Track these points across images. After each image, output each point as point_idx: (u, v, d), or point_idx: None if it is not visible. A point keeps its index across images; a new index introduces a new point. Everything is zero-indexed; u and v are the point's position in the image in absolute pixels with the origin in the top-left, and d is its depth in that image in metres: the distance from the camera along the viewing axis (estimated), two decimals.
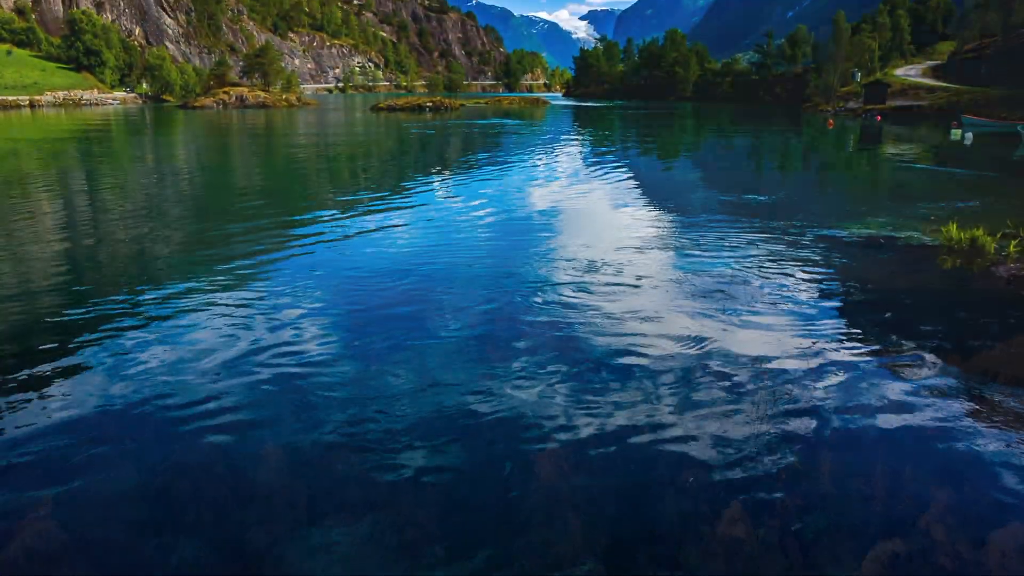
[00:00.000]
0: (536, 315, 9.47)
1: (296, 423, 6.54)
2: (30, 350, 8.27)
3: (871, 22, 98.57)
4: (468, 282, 11.08)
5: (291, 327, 9.02)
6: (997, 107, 57.09)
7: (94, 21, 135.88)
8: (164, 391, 7.16)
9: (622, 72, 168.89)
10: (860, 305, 9.99)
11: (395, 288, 10.78)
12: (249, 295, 10.40)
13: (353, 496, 5.45)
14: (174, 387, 7.26)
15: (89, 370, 7.69)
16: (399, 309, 9.76)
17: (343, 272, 11.79)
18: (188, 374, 7.57)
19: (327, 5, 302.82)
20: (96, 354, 8.14)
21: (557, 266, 12.01)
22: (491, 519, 5.19)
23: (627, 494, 5.47)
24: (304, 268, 12.11)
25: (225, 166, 30.44)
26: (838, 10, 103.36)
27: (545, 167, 27.38)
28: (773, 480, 5.61)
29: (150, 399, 6.99)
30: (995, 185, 22.25)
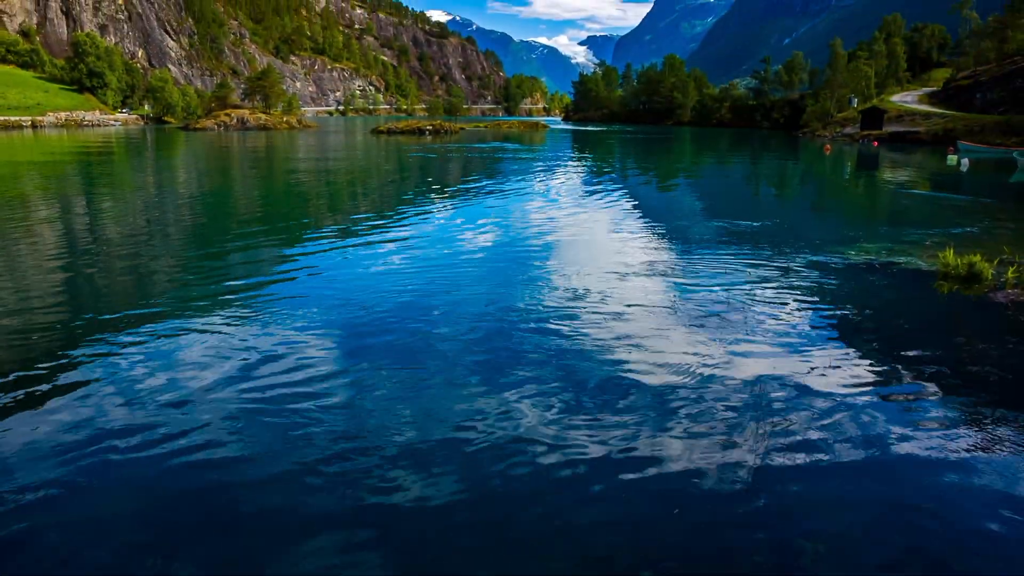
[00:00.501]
0: (532, 340, 9.43)
1: (289, 448, 6.47)
2: (24, 371, 8.21)
3: (867, 49, 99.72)
4: (465, 306, 11.05)
5: (287, 350, 8.98)
6: (992, 133, 57.57)
7: (98, 44, 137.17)
8: (158, 415, 7.10)
9: (621, 97, 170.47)
10: (858, 331, 9.96)
11: (392, 312, 10.75)
12: (244, 318, 10.37)
13: (346, 523, 5.38)
14: (168, 411, 7.19)
15: (83, 393, 7.63)
16: (396, 334, 9.72)
17: (340, 295, 11.77)
18: (182, 397, 7.51)
19: (329, 29, 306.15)
20: (90, 377, 8.08)
21: (554, 290, 12.00)
22: (485, 548, 5.13)
23: (622, 524, 5.41)
24: (301, 291, 12.08)
25: (224, 187, 30.53)
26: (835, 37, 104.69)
27: (543, 191, 27.46)
28: (769, 510, 5.55)
29: (143, 423, 6.93)
30: (991, 211, 22.34)
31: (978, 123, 61.87)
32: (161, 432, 6.74)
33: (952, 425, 6.97)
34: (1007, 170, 36.87)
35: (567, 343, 9.27)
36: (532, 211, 21.86)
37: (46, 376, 8.08)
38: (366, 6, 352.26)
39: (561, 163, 44.52)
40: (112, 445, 6.50)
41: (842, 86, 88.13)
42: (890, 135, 67.93)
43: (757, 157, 53.23)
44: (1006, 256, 13.41)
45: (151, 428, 6.82)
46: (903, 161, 45.97)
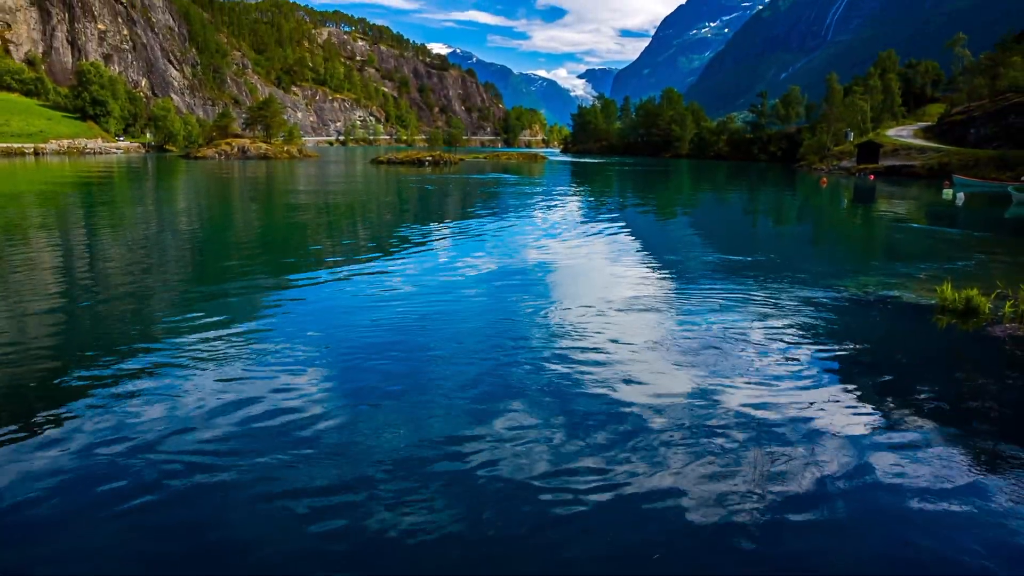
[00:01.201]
0: (528, 372, 9.42)
1: (282, 480, 6.42)
2: (16, 401, 8.17)
3: (863, 84, 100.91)
4: (462, 338, 11.04)
5: (282, 381, 8.95)
6: (987, 168, 58.07)
7: (102, 72, 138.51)
8: (150, 446, 7.05)
9: (619, 129, 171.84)
10: (857, 365, 9.95)
11: (390, 343, 10.74)
12: (240, 348, 10.35)
13: (339, 558, 5.33)
14: (161, 442, 7.15)
15: (80, 419, 7.59)
16: (393, 365, 9.70)
17: (338, 325, 11.76)
18: (179, 425, 7.47)
19: (330, 61, 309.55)
20: (87, 402, 8.04)
21: (551, 323, 12.00)
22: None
23: (618, 559, 5.36)
24: (297, 321, 12.08)
25: (222, 217, 30.63)
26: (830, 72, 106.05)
27: (542, 223, 27.58)
28: (767, 549, 5.50)
29: (135, 455, 6.88)
30: (987, 245, 22.45)
31: (973, 158, 62.43)
32: (153, 464, 6.70)
33: (953, 462, 6.94)
34: (1002, 204, 37.12)
35: (563, 376, 9.25)
36: (530, 243, 21.93)
37: (38, 406, 8.04)
38: (368, 38, 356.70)
39: (559, 195, 44.77)
40: (103, 477, 6.45)
41: (838, 120, 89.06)
42: (886, 169, 68.50)
43: (755, 190, 53.59)
44: (1002, 290, 13.44)
45: (143, 459, 6.78)
46: (899, 194, 46.30)
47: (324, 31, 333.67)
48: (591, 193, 47.84)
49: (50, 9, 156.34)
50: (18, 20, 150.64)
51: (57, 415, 7.75)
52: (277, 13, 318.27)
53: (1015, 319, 11.90)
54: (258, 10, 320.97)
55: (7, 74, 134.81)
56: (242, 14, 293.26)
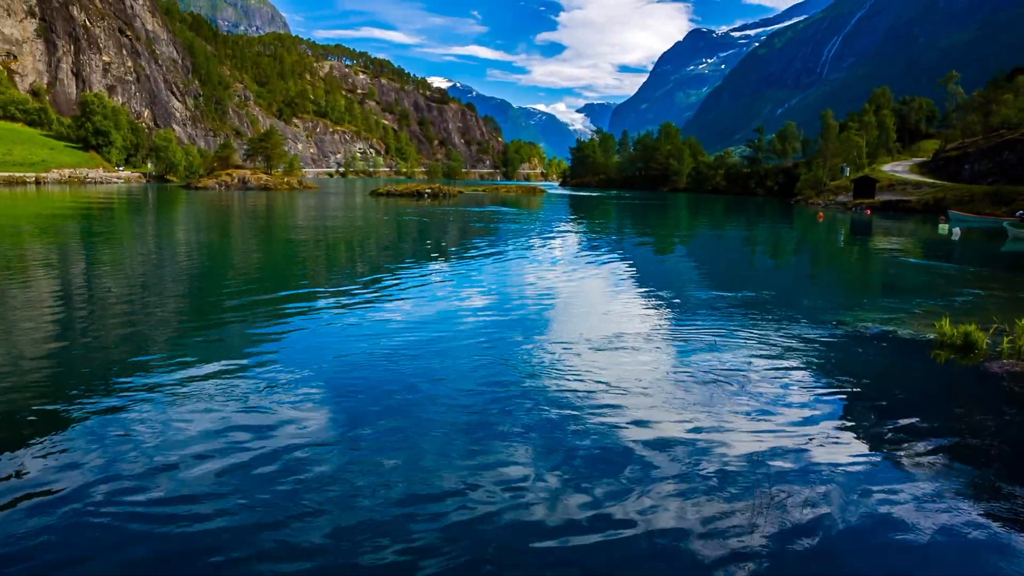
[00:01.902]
0: (527, 408, 9.38)
1: (276, 513, 6.36)
2: (10, 433, 8.11)
3: (857, 120, 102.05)
4: (459, 372, 11.02)
5: (279, 415, 8.91)
6: (982, 203, 58.49)
7: (105, 103, 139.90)
8: (143, 478, 6.99)
9: (618, 163, 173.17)
10: (856, 401, 9.92)
11: (387, 374, 10.71)
12: (236, 380, 10.31)
13: None
14: (154, 474, 7.08)
15: (70, 452, 7.52)
16: (390, 398, 9.67)
17: (336, 356, 11.74)
18: (175, 459, 7.41)
19: (331, 93, 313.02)
20: (82, 435, 7.98)
21: (549, 357, 11.98)
22: None
23: None
24: (293, 353, 12.05)
25: (221, 248, 30.71)
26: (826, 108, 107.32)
27: (539, 256, 27.67)
28: None
29: (128, 486, 6.81)
30: (984, 280, 22.53)
31: (968, 193, 62.92)
32: (145, 495, 6.64)
33: (953, 499, 6.89)
34: (998, 239, 37.34)
35: (560, 413, 9.21)
36: (528, 276, 21.97)
37: (28, 439, 7.97)
38: (369, 72, 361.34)
39: (557, 228, 44.98)
40: (96, 507, 6.39)
41: (834, 155, 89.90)
42: (882, 203, 68.99)
43: (752, 224, 53.88)
44: (998, 325, 13.47)
45: (135, 491, 6.71)
46: (896, 229, 46.57)
47: (326, 64, 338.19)
48: (589, 227, 48.07)
49: (56, 41, 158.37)
50: (24, 52, 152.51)
51: (47, 448, 7.69)
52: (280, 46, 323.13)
53: (1013, 355, 11.90)
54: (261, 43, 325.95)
55: (11, 104, 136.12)
56: (245, 47, 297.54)
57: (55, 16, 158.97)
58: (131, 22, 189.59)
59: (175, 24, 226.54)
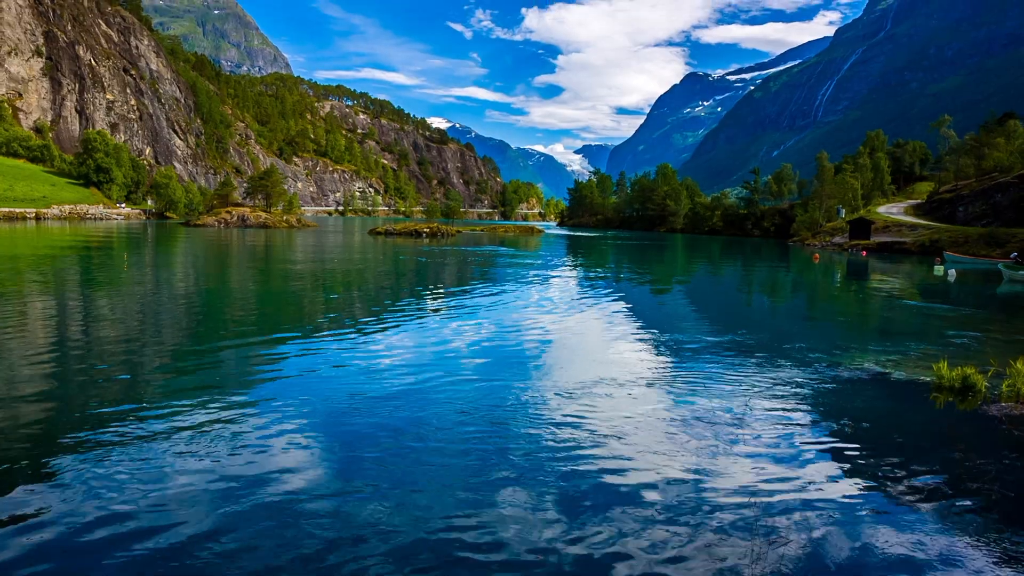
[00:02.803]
0: (524, 449, 9.31)
1: (271, 553, 6.26)
2: (5, 468, 8.02)
3: (852, 163, 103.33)
4: (456, 412, 10.95)
5: (274, 455, 8.82)
6: (976, 245, 58.90)
7: (107, 141, 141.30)
8: (137, 517, 6.89)
9: (615, 204, 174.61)
10: (855, 445, 9.84)
11: (383, 416, 10.64)
12: (232, 417, 10.23)
13: None
14: (152, 513, 6.98)
15: (61, 489, 7.41)
16: (386, 439, 9.59)
17: (331, 396, 11.66)
18: (163, 502, 7.30)
19: (332, 133, 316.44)
20: (73, 474, 7.87)
21: (547, 396, 11.92)
22: None
23: None
24: (290, 392, 11.97)
25: (219, 285, 30.72)
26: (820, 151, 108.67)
27: (538, 296, 27.67)
28: None
29: (127, 526, 6.71)
30: (981, 322, 22.56)
31: (963, 235, 63.37)
32: (139, 534, 6.53)
33: (954, 545, 6.80)
34: (993, 281, 37.49)
35: (557, 455, 9.14)
36: (525, 316, 21.96)
37: (19, 474, 7.88)
38: (369, 112, 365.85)
39: (555, 268, 45.10)
40: (89, 543, 6.29)
41: (830, 197, 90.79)
42: (878, 245, 69.43)
43: (749, 264, 54.10)
44: (996, 368, 13.44)
45: (130, 530, 6.61)
46: (892, 270, 46.76)
47: (327, 104, 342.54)
48: (586, 267, 48.23)
49: (61, 80, 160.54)
50: (29, 90, 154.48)
51: (38, 484, 7.59)
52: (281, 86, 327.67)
53: (1012, 398, 11.86)
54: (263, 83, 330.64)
55: (15, 141, 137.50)
56: (247, 87, 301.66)
57: (61, 55, 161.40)
58: (136, 62, 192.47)
59: (179, 64, 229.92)
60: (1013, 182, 69.79)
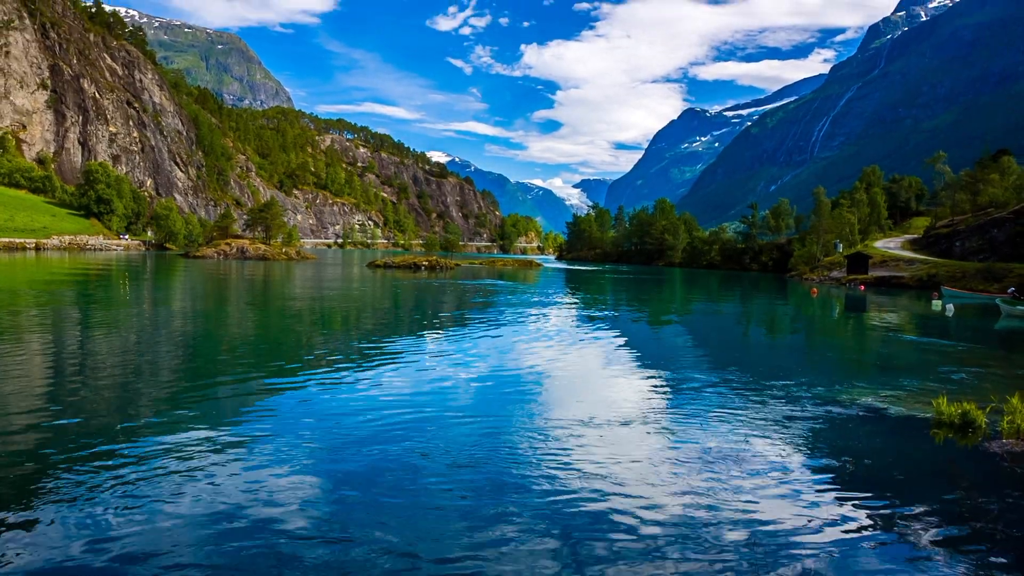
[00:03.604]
0: (523, 481, 9.23)
1: None
2: None
3: (849, 198, 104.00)
4: (455, 447, 10.87)
5: (273, 486, 8.73)
6: (974, 280, 59.08)
7: (109, 172, 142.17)
8: (137, 550, 6.80)
9: (613, 238, 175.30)
10: (856, 481, 9.76)
11: (380, 451, 10.56)
12: (231, 450, 10.14)
13: None
14: (142, 548, 6.89)
15: (53, 525, 7.32)
16: (384, 474, 9.51)
17: (329, 430, 11.59)
18: (158, 534, 7.21)
19: (332, 166, 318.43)
20: (69, 505, 7.78)
21: (545, 430, 11.85)
22: None
23: None
24: (289, 426, 11.89)
25: (215, 317, 30.68)
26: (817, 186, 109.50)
27: (535, 330, 27.62)
28: None
29: (121, 558, 6.63)
30: (979, 357, 22.54)
31: (960, 270, 63.59)
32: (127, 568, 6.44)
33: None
34: (991, 316, 37.53)
35: (555, 490, 9.06)
36: (523, 351, 21.90)
37: (18, 501, 7.79)
38: (369, 146, 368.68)
39: (553, 302, 45.11)
40: None
41: (827, 232, 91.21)
42: (876, 279, 69.60)
43: (747, 299, 54.15)
44: (996, 404, 13.38)
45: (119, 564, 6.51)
46: (890, 305, 46.81)
47: (327, 138, 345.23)
48: (585, 301, 48.26)
49: (65, 112, 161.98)
50: (33, 122, 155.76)
51: (29, 513, 7.49)
52: (283, 120, 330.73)
53: (1012, 434, 11.79)
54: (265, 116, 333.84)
55: (17, 172, 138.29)
56: (249, 120, 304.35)
57: (66, 88, 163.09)
58: (139, 95, 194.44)
59: (182, 97, 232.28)
60: (1009, 217, 70.27)
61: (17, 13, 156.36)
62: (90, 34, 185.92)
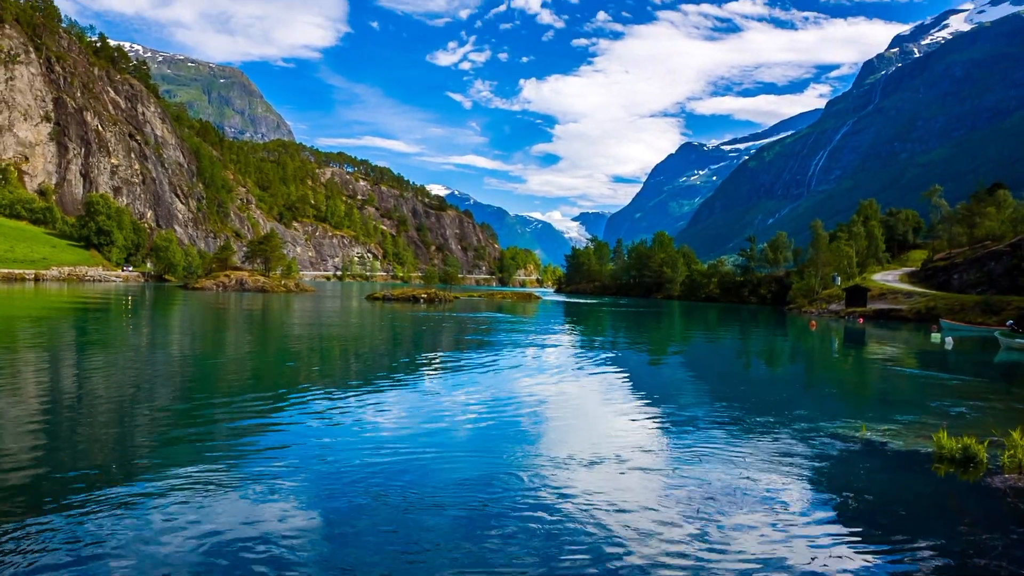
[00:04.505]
0: (520, 522, 9.12)
1: None
2: None
3: (846, 231, 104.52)
4: (452, 483, 10.77)
5: (270, 521, 8.63)
6: (972, 313, 59.14)
7: (110, 204, 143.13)
8: None
9: (612, 270, 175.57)
10: (857, 517, 9.65)
11: (378, 486, 10.46)
12: (228, 484, 10.04)
13: None
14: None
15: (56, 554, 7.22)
16: (380, 510, 9.41)
17: (326, 466, 11.49)
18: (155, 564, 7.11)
19: (332, 199, 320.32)
20: (63, 539, 7.68)
21: (542, 469, 11.74)
22: None
23: None
24: (286, 461, 11.80)
25: (213, 349, 30.59)
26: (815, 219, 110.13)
27: (534, 364, 27.51)
28: None
29: None
30: (979, 390, 22.45)
31: (958, 303, 63.65)
32: None
33: None
34: (990, 348, 37.47)
35: (553, 528, 8.96)
36: (522, 385, 21.76)
37: (14, 530, 7.68)
38: (369, 179, 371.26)
39: (552, 336, 45.06)
40: None
41: (825, 264, 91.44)
42: (875, 312, 69.60)
43: (746, 332, 54.10)
44: (997, 438, 13.30)
45: None
46: (889, 338, 46.77)
47: (327, 170, 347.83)
48: (584, 334, 48.21)
49: (68, 144, 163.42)
50: (36, 154, 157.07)
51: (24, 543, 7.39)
52: (283, 152, 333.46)
53: (1014, 469, 11.69)
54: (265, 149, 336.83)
55: (18, 203, 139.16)
56: (250, 152, 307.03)
57: (69, 121, 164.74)
58: (142, 127, 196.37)
59: (183, 130, 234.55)
60: (1006, 250, 70.59)
61: (24, 48, 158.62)
62: (95, 68, 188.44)
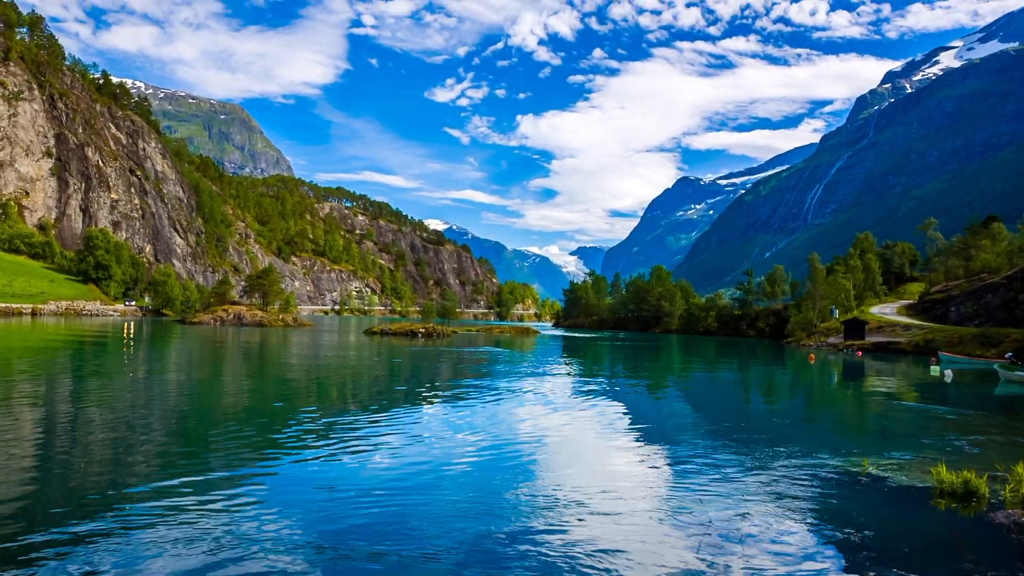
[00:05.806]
0: (517, 560, 9.04)
1: None
2: None
3: (843, 264, 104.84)
4: (448, 518, 10.68)
5: (264, 555, 8.54)
6: (970, 345, 59.12)
7: (109, 238, 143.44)
8: None
9: (610, 304, 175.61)
10: (859, 554, 9.55)
11: (374, 520, 10.37)
12: (222, 518, 9.94)
13: None
14: None
15: None
16: (376, 544, 9.32)
17: (322, 500, 11.39)
18: None
19: (330, 233, 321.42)
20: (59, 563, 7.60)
21: (539, 506, 11.64)
22: None
23: None
24: (282, 495, 11.71)
25: (209, 384, 30.46)
26: (812, 252, 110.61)
27: (532, 399, 27.35)
28: None
29: None
30: (979, 423, 22.35)
31: (957, 335, 63.65)
32: None
33: None
34: (989, 381, 37.39)
35: (556, 557, 8.87)
36: (519, 421, 21.63)
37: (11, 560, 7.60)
38: (368, 214, 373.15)
39: (550, 370, 44.93)
40: None
41: (823, 297, 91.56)
42: (873, 345, 69.53)
43: (745, 365, 53.97)
44: (998, 472, 13.22)
45: None
46: (888, 371, 46.66)
47: (326, 205, 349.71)
48: (582, 368, 48.07)
49: (68, 179, 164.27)
50: (36, 189, 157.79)
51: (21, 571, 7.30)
52: (282, 188, 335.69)
53: (1016, 504, 11.59)
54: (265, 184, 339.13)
55: (17, 238, 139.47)
56: (249, 188, 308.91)
57: (70, 156, 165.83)
58: (142, 163, 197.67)
59: (183, 165, 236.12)
60: (1002, 283, 70.83)
61: (28, 85, 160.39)
62: (97, 104, 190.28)
